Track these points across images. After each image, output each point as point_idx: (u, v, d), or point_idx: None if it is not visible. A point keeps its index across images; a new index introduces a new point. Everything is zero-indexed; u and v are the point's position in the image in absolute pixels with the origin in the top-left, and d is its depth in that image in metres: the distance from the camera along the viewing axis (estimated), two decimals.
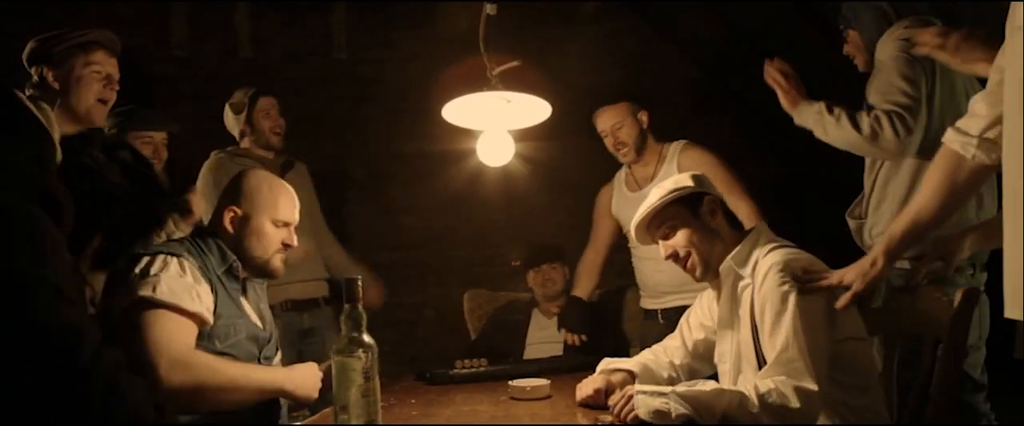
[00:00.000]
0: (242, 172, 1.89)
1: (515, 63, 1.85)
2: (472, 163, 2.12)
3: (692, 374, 1.91)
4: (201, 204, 2.25)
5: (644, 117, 2.75)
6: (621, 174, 2.85)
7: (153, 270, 1.60)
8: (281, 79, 4.02)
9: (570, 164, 4.01)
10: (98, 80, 2.07)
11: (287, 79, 4.02)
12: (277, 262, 1.82)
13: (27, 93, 2.08)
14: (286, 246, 1.83)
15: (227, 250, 1.77)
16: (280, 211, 1.82)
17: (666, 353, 1.95)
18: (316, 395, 1.72)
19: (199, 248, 1.74)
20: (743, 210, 2.48)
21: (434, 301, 4.01)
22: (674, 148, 2.74)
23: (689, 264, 1.79)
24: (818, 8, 3.40)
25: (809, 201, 3.70)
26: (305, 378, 1.71)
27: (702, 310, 1.96)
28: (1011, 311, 1.02)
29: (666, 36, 4.33)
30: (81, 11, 4.01)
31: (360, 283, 1.34)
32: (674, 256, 1.79)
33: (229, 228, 1.79)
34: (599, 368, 1.88)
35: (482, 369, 2.20)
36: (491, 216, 4.00)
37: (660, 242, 1.81)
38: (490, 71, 1.85)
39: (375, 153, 4.07)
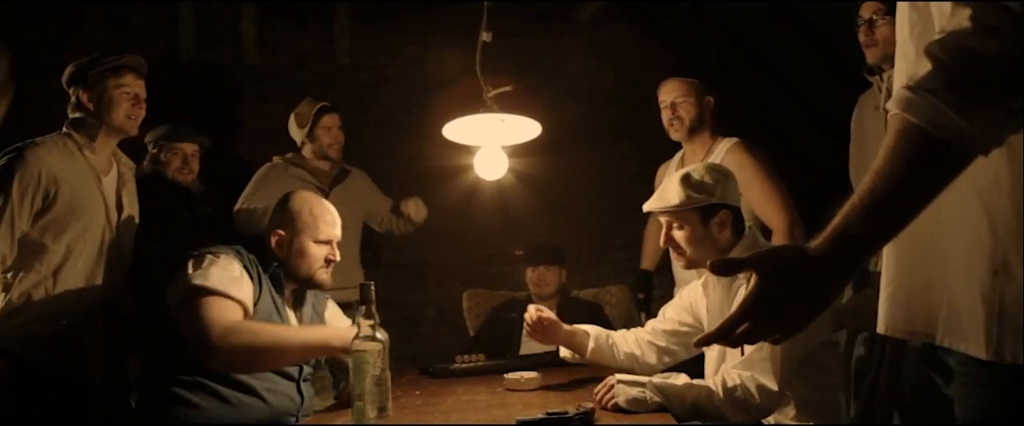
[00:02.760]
0: (286, 196, 2.11)
1: (508, 87, 2.09)
2: (470, 176, 2.35)
3: (641, 355, 2.16)
4: None
5: (709, 101, 2.73)
6: (679, 155, 2.89)
7: (205, 264, 1.86)
8: (286, 85, 4.24)
9: (567, 170, 4.23)
10: (127, 100, 2.42)
11: (292, 85, 4.23)
12: (322, 275, 2.04)
13: (70, 115, 2.43)
14: (329, 261, 2.04)
15: (271, 260, 2.00)
16: (321, 232, 2.03)
17: (626, 338, 2.19)
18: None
19: (247, 253, 1.99)
20: (775, 223, 2.55)
21: (435, 300, 4.21)
22: (724, 146, 2.72)
23: (678, 255, 1.99)
24: (799, 10, 3.59)
25: (801, 201, 3.90)
26: (344, 331, 1.84)
27: (682, 306, 2.19)
28: (887, 327, 1.07)
29: (660, 42, 4.53)
30: (91, 19, 4.23)
31: (373, 287, 1.58)
32: (670, 241, 1.99)
33: (276, 249, 2.02)
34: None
35: (480, 364, 2.44)
36: (490, 218, 4.20)
37: (664, 224, 2.00)
38: (486, 94, 2.08)
39: (377, 157, 4.27)
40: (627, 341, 2.17)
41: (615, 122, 4.39)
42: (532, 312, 2.15)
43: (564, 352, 2.23)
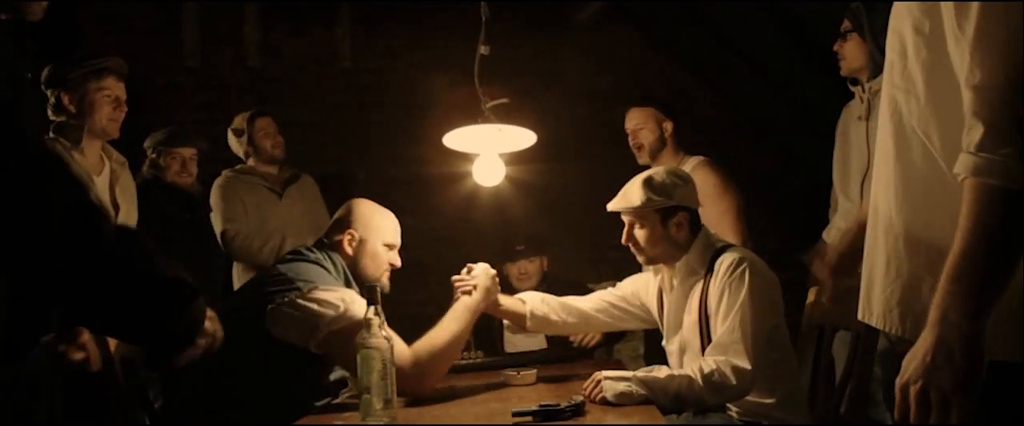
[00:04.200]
0: (353, 201, 2.21)
1: (505, 100, 2.24)
2: (470, 180, 2.51)
3: (580, 320, 2.35)
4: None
5: (668, 126, 2.96)
6: None
7: (346, 298, 1.94)
8: (288, 88, 4.40)
9: (565, 172, 4.39)
10: (109, 103, 2.47)
11: (294, 88, 4.39)
12: (385, 279, 2.15)
13: (50, 119, 2.47)
14: (392, 266, 2.16)
15: (350, 277, 2.10)
16: (388, 235, 2.15)
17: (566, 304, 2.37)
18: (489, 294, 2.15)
19: (328, 257, 2.09)
20: (727, 239, 2.64)
21: (436, 299, 4.36)
22: (691, 163, 2.91)
23: (638, 252, 2.16)
24: (796, 14, 3.74)
25: (795, 203, 4.04)
26: (480, 297, 2.13)
27: (629, 287, 2.38)
28: (864, 314, 1.20)
29: (658, 45, 4.68)
30: (95, 22, 4.38)
31: (379, 289, 1.74)
32: (631, 239, 2.15)
33: (348, 249, 2.11)
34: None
35: (479, 360, 2.61)
36: (489, 219, 4.35)
37: (626, 223, 2.16)
38: (484, 105, 2.24)
39: (377, 157, 4.43)
40: (568, 308, 2.34)
41: (613, 124, 4.51)
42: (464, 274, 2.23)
43: (507, 323, 2.39)
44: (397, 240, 2.19)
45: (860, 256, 1.23)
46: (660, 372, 1.96)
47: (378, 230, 2.14)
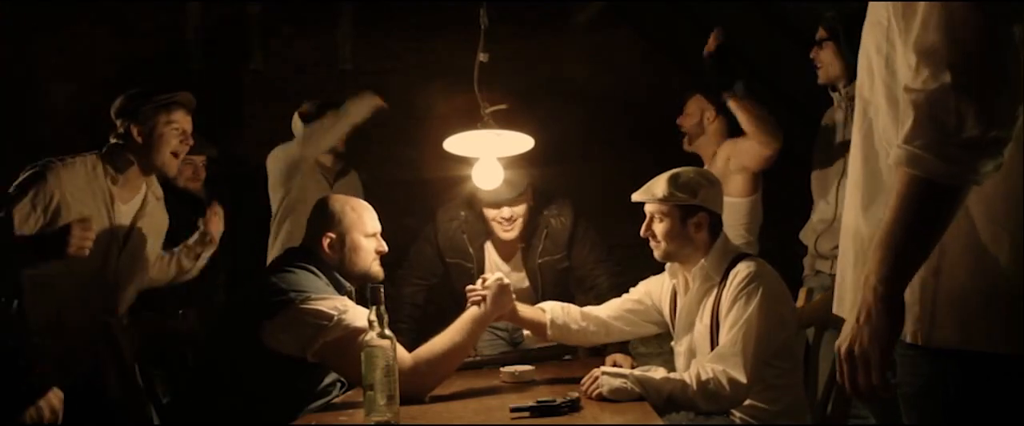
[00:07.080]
0: (322, 200, 2.26)
1: (504, 105, 2.33)
2: (469, 184, 2.60)
3: (598, 330, 2.41)
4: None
5: (710, 114, 3.16)
6: None
7: (340, 307, 1.99)
8: (290, 90, 4.47)
9: (563, 172, 4.46)
10: (176, 136, 2.55)
11: (296, 89, 4.47)
12: (376, 268, 2.22)
13: (111, 142, 2.55)
14: (379, 253, 2.22)
15: (341, 279, 2.16)
16: (366, 225, 2.20)
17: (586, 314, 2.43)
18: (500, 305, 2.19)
19: (320, 271, 2.13)
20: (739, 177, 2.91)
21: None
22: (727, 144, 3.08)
23: (655, 245, 2.23)
24: (796, 18, 3.81)
25: (791, 202, 4.11)
26: (490, 304, 2.17)
27: (642, 289, 2.44)
28: (837, 309, 1.32)
29: (656, 45, 4.76)
30: (99, 25, 4.47)
31: (382, 290, 1.83)
32: (649, 232, 2.23)
33: (329, 252, 2.16)
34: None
35: (479, 358, 2.69)
36: None
37: (648, 214, 2.24)
38: (483, 110, 2.33)
39: (378, 159, 4.51)
40: (587, 317, 2.41)
41: (612, 125, 4.61)
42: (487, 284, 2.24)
43: (526, 332, 2.43)
44: (376, 227, 2.22)
45: None
46: (657, 373, 2.04)
47: (354, 224, 2.18)
